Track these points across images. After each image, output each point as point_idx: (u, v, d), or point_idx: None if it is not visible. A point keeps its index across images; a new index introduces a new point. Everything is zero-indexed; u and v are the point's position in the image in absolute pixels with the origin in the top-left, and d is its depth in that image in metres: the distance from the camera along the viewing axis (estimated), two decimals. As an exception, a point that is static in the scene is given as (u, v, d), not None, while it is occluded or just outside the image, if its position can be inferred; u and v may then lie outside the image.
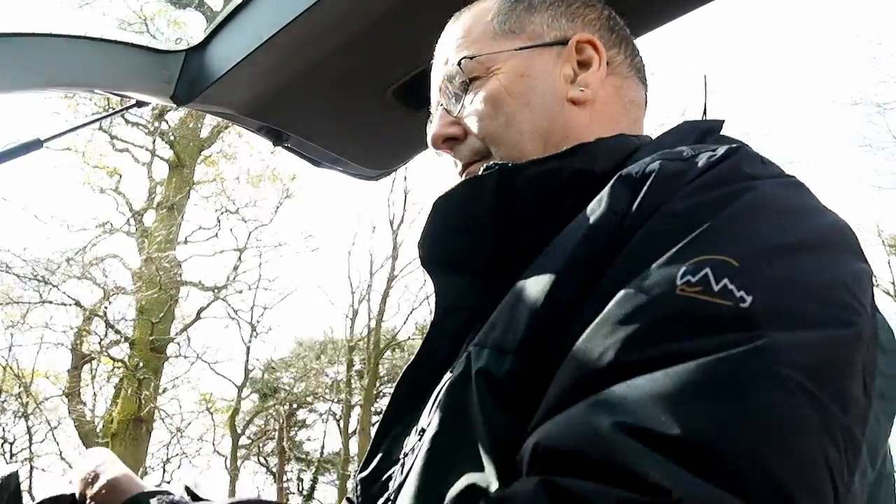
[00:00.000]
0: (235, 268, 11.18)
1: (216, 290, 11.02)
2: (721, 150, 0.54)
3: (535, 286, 0.55)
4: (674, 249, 0.47)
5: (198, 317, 10.99)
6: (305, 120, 1.33)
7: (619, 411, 0.41)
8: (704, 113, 0.79)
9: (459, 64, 0.75)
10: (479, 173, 0.68)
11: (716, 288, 0.43)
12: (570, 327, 0.50)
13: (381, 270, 13.85)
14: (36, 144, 1.22)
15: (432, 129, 0.77)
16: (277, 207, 11.60)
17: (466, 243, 0.67)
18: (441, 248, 0.69)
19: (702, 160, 0.53)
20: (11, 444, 10.36)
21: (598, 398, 0.43)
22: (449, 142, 0.77)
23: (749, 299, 0.43)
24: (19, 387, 10.11)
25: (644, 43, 1.19)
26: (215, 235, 11.05)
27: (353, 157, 1.43)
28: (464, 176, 0.76)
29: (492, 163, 0.70)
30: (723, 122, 0.69)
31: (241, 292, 11.46)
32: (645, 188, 0.52)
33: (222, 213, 11.11)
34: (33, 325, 9.86)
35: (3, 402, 10.26)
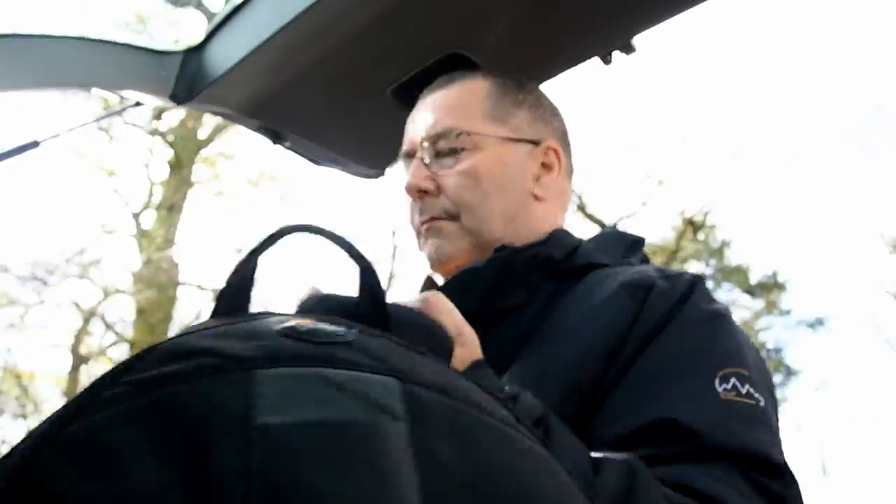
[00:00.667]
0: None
1: (216, 291, 11.02)
2: (688, 276, 0.73)
3: (559, 365, 0.67)
4: (703, 362, 0.65)
5: (197, 318, 10.98)
6: (304, 119, 1.33)
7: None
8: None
9: (452, 132, 0.84)
10: (490, 254, 0.80)
11: (743, 392, 0.63)
12: (593, 401, 0.65)
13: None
14: (33, 145, 1.22)
15: (410, 178, 0.84)
16: (277, 208, 11.60)
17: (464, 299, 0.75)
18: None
19: (681, 284, 0.72)
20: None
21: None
22: (421, 193, 0.84)
23: (762, 400, 0.64)
24: (18, 388, 10.10)
25: (643, 42, 1.19)
26: (215, 236, 11.05)
27: (352, 156, 1.43)
28: (425, 227, 0.85)
29: (500, 244, 0.82)
30: (643, 239, 0.90)
31: (240, 293, 11.43)
32: (649, 299, 0.69)
33: (222, 214, 11.11)
34: (32, 326, 9.86)
35: (1, 404, 10.25)
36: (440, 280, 0.88)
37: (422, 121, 0.88)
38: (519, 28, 1.14)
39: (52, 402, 10.69)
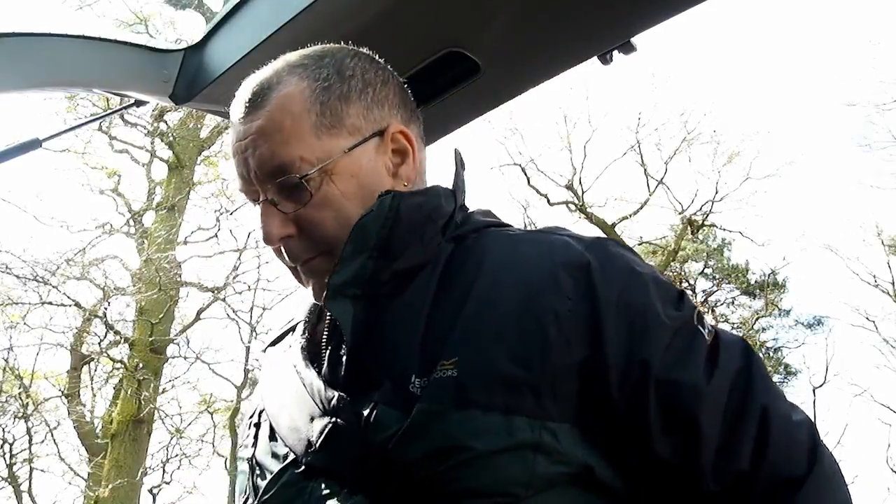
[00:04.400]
0: (235, 268, 11.18)
1: (216, 291, 11.02)
2: (599, 244, 0.75)
3: (502, 336, 0.67)
4: (659, 324, 0.70)
5: (197, 317, 10.98)
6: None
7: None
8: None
9: (290, 166, 0.75)
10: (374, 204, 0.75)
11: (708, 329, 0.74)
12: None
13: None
14: (34, 144, 1.22)
15: (264, 227, 0.77)
16: (277, 208, 11.57)
17: (359, 269, 0.74)
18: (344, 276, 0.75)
19: (605, 259, 0.73)
20: (11, 444, 10.36)
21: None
22: (283, 240, 0.78)
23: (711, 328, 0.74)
24: (19, 388, 10.10)
25: (645, 41, 1.19)
26: (215, 236, 11.06)
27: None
28: (301, 269, 0.80)
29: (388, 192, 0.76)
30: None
31: (240, 293, 11.46)
32: (593, 284, 0.70)
33: (222, 214, 11.12)
34: (33, 326, 9.86)
35: (3, 403, 10.25)
36: None
37: (251, 154, 0.76)
38: (519, 27, 1.14)
39: (52, 402, 10.70)
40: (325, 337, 0.78)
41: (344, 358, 0.73)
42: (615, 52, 1.19)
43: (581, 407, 0.66)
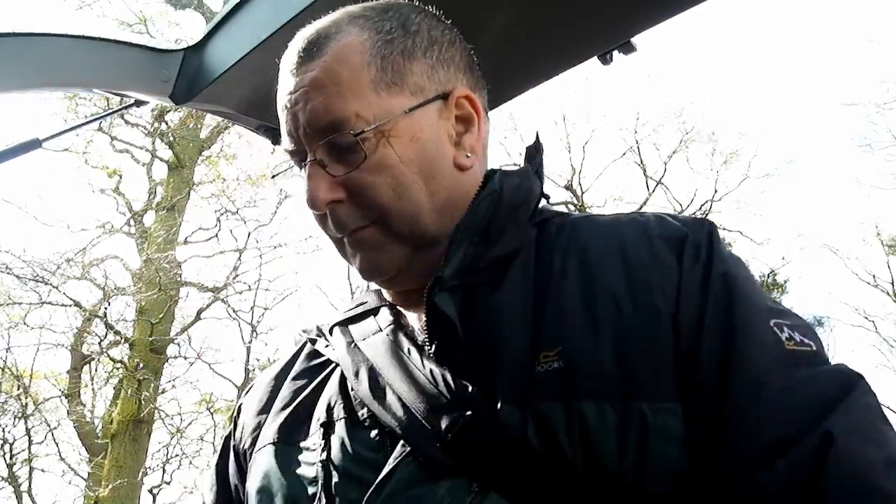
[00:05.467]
0: (235, 268, 11.17)
1: (216, 291, 11.02)
2: (699, 222, 0.70)
3: (617, 324, 0.63)
4: (758, 315, 0.63)
5: (198, 317, 10.98)
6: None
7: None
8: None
9: (346, 122, 0.67)
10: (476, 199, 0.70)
11: (797, 339, 0.63)
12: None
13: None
14: (34, 144, 1.22)
15: (310, 189, 0.69)
16: (277, 207, 11.61)
17: (462, 257, 0.69)
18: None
19: (700, 233, 0.68)
20: (11, 444, 10.35)
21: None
22: (330, 205, 0.70)
23: (814, 344, 0.64)
24: (19, 388, 10.10)
25: (644, 41, 1.19)
26: (215, 236, 11.05)
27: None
28: (348, 240, 0.72)
29: (440, 237, 0.71)
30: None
31: (241, 293, 11.46)
32: (684, 257, 0.65)
33: (222, 214, 11.11)
34: (33, 326, 9.85)
35: (2, 404, 10.24)
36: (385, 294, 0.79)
37: (301, 109, 0.70)
38: (519, 27, 1.14)
39: (52, 402, 10.69)
40: (424, 328, 0.69)
41: (456, 352, 0.66)
42: (615, 52, 1.19)
43: (681, 385, 0.60)
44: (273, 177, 0.80)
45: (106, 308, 10.17)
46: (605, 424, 0.58)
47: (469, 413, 0.61)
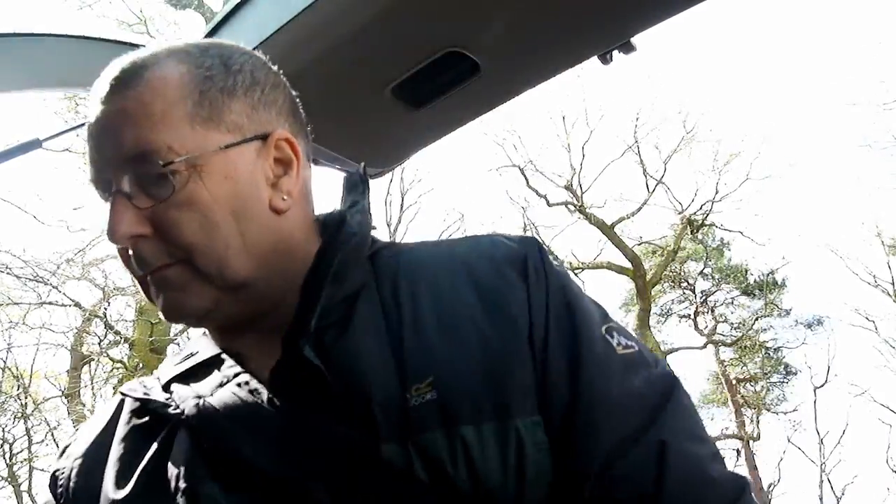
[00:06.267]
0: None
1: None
2: (530, 240, 0.73)
3: (471, 353, 0.65)
4: (594, 325, 0.69)
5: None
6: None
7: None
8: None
9: (155, 153, 0.64)
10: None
11: (624, 343, 0.69)
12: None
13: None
14: (35, 144, 1.22)
15: (112, 223, 0.64)
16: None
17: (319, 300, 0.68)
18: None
19: (534, 250, 0.72)
20: (11, 444, 10.35)
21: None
22: (134, 240, 0.65)
23: (636, 345, 0.71)
24: (19, 388, 10.10)
25: (645, 41, 1.19)
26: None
27: (351, 155, 1.43)
28: (151, 279, 0.67)
29: (249, 281, 0.67)
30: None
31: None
32: (528, 270, 0.69)
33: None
34: (33, 326, 9.85)
35: (2, 403, 10.25)
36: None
37: (110, 137, 0.66)
38: (519, 27, 1.14)
39: (53, 402, 10.69)
40: (277, 376, 0.66)
41: (319, 398, 0.64)
42: (615, 52, 1.20)
43: (539, 397, 0.64)
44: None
45: (106, 308, 10.17)
46: (487, 446, 0.61)
47: (349, 457, 0.61)
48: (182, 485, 0.64)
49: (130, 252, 0.66)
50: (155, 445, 0.69)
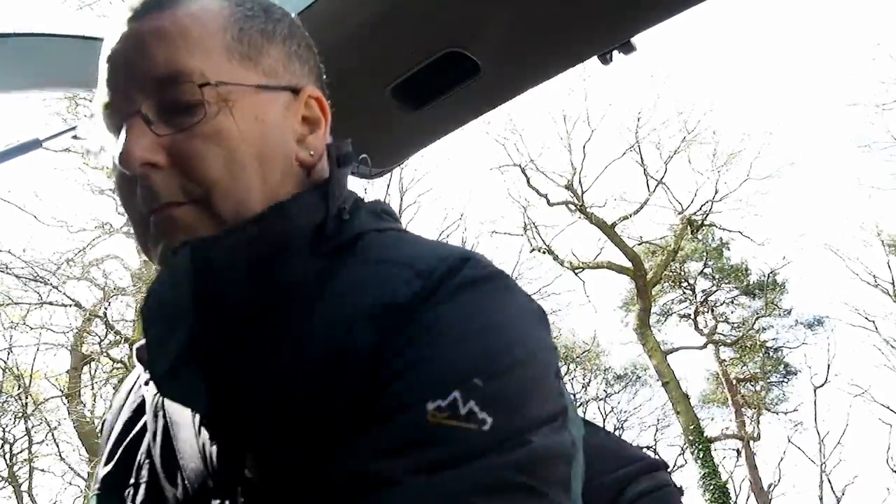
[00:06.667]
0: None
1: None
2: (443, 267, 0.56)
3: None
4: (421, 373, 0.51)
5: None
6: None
7: None
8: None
9: (187, 77, 0.59)
10: (171, 252, 0.58)
11: (462, 412, 0.48)
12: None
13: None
14: (35, 144, 1.22)
15: (127, 144, 0.58)
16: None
17: (180, 342, 0.57)
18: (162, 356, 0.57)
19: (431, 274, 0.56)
20: (11, 444, 10.36)
21: None
22: (146, 167, 0.58)
23: (490, 421, 0.48)
24: (19, 388, 10.10)
25: (644, 41, 1.19)
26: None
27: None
28: (155, 218, 0.60)
29: (182, 239, 0.58)
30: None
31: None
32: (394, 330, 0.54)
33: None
34: (33, 326, 9.86)
35: (2, 403, 10.25)
36: None
37: (134, 57, 0.60)
38: (519, 27, 1.14)
39: (53, 402, 10.70)
40: None
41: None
42: (615, 52, 1.20)
43: None
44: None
45: (106, 308, 10.17)
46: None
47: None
48: (133, 478, 0.63)
49: (138, 185, 0.59)
50: (142, 420, 0.67)
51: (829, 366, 14.90)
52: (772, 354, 16.21)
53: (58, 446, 10.53)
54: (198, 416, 0.59)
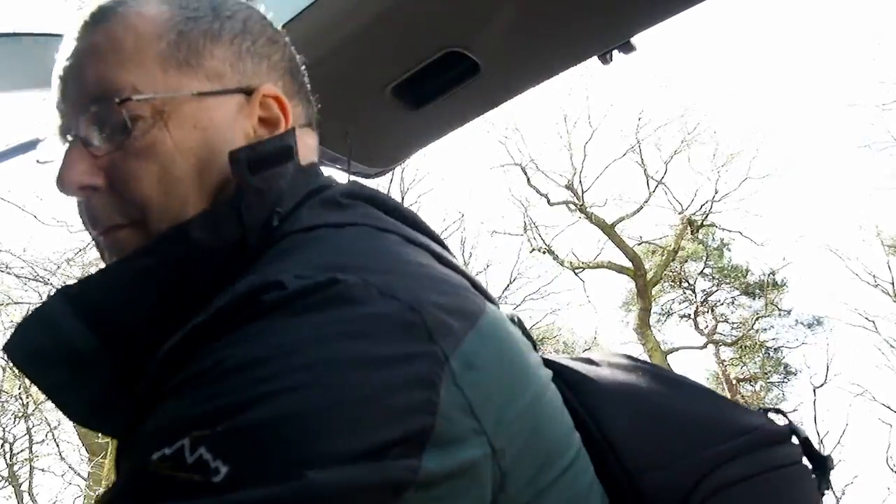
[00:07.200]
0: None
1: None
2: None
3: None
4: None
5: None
6: (304, 119, 1.33)
7: None
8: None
9: (115, 94, 0.57)
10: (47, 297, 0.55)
11: (189, 460, 0.39)
12: None
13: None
14: (34, 144, 1.22)
15: (63, 169, 0.57)
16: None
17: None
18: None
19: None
20: (11, 444, 10.36)
21: None
22: (86, 191, 0.57)
23: (224, 470, 0.38)
24: (19, 388, 10.10)
25: (645, 40, 1.19)
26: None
27: (352, 155, 1.43)
28: (105, 243, 0.59)
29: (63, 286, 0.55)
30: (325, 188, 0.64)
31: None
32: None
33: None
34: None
35: (3, 403, 10.25)
36: None
37: (73, 75, 0.59)
38: (519, 27, 1.14)
39: (53, 401, 10.69)
40: None
41: None
42: (615, 52, 1.20)
43: None
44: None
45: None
46: None
47: None
48: None
49: (83, 207, 0.59)
50: None
51: (828, 366, 14.91)
52: (772, 354, 16.21)
53: (58, 446, 10.54)
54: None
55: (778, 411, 0.66)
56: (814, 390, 14.72)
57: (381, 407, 0.41)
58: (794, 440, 0.64)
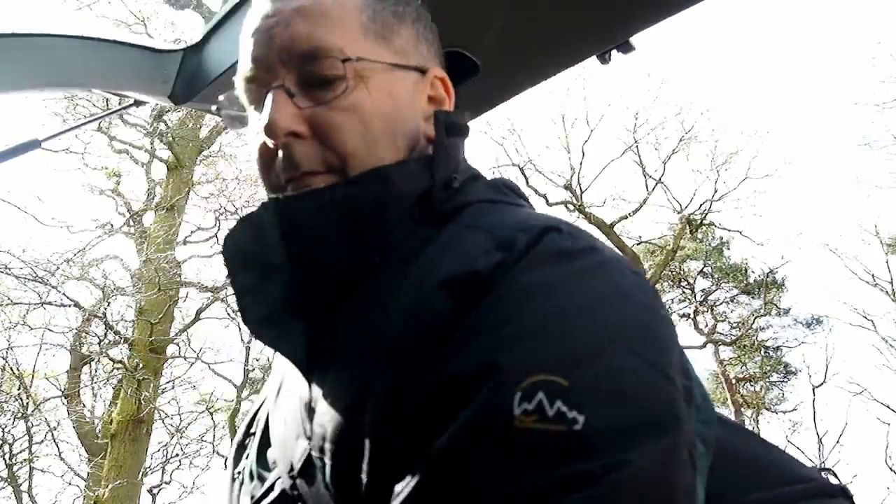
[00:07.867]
0: (235, 268, 11.12)
1: (216, 291, 11.01)
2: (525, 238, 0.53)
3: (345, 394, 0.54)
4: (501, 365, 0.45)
5: (197, 317, 10.98)
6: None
7: None
8: None
9: (328, 54, 0.62)
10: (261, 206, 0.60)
11: (550, 413, 0.42)
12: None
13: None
14: (34, 144, 1.22)
15: (272, 114, 0.61)
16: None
17: (274, 289, 0.59)
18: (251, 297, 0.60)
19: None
20: (11, 444, 10.35)
21: None
22: (290, 137, 0.62)
23: (581, 419, 0.42)
24: (19, 388, 10.09)
25: (644, 40, 1.19)
26: (214, 236, 11.04)
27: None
28: (293, 186, 0.62)
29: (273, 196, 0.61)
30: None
31: (240, 293, 11.41)
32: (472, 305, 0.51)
33: (221, 214, 11.10)
34: (33, 327, 9.84)
35: (2, 403, 10.24)
36: None
37: (281, 32, 0.63)
38: (518, 27, 1.14)
39: (52, 402, 10.69)
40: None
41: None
42: (614, 52, 1.20)
43: None
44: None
45: (106, 308, 10.16)
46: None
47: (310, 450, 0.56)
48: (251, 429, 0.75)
49: (280, 153, 0.62)
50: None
51: (827, 365, 14.92)
52: (771, 354, 16.21)
53: (58, 446, 10.52)
54: (300, 377, 0.61)
55: (829, 471, 0.71)
56: (813, 390, 14.72)
57: (672, 368, 0.48)
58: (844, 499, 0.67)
